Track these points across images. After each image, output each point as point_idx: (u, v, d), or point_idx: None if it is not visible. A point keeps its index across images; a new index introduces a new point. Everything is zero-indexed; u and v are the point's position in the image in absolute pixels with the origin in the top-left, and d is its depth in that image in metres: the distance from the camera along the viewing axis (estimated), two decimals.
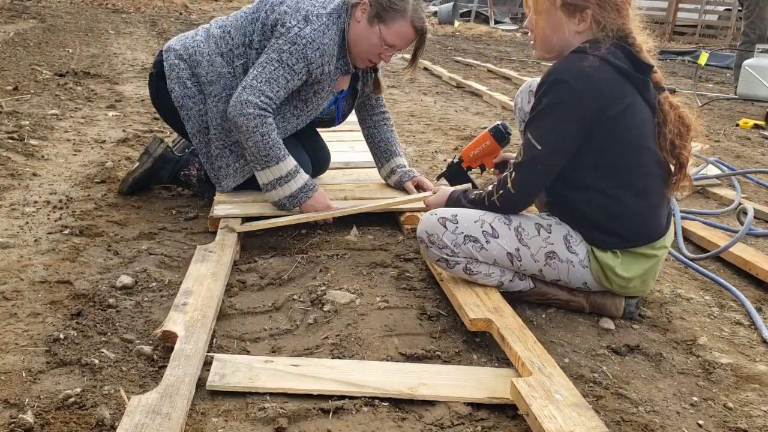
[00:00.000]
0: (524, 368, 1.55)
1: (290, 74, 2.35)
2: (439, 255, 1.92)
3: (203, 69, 2.52)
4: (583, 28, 1.84)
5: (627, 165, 1.83)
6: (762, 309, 2.12)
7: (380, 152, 2.79)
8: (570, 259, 1.89)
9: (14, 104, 4.24)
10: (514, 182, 1.86)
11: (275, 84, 2.34)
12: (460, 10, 17.20)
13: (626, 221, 1.85)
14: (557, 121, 1.79)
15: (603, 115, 1.77)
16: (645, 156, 1.84)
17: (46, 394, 1.45)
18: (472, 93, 6.35)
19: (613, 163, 1.83)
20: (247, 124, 2.32)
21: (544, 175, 1.85)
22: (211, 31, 2.59)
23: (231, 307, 1.91)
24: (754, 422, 1.53)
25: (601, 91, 1.76)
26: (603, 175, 1.84)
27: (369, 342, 1.74)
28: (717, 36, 16.14)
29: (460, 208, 1.96)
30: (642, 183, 1.85)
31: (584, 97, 1.75)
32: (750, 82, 6.77)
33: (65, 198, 2.68)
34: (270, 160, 2.36)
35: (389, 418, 1.45)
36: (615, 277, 1.88)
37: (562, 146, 1.80)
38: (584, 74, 1.75)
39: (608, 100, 1.77)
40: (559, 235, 1.89)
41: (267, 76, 2.34)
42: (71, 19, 10.19)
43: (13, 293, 1.88)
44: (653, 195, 1.88)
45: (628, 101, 1.79)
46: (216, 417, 1.43)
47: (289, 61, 2.33)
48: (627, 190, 1.84)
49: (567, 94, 1.76)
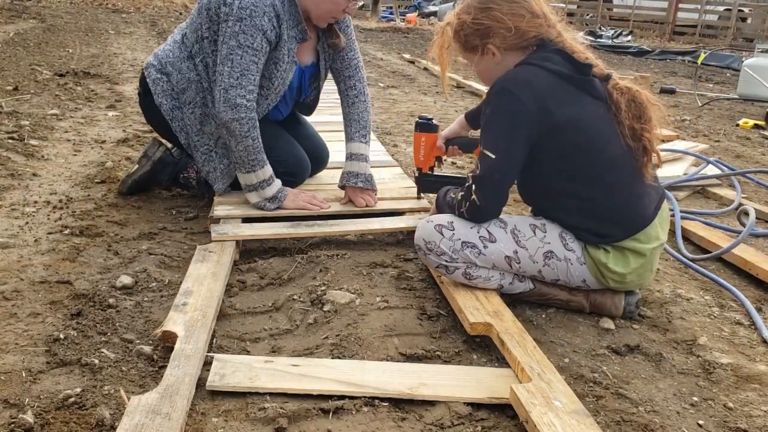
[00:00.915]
0: (524, 374, 1.55)
1: (255, 55, 2.33)
2: (437, 262, 1.92)
3: (174, 78, 2.52)
4: (500, 57, 1.90)
5: (591, 164, 1.85)
6: (762, 309, 2.12)
7: (345, 130, 2.69)
8: (568, 257, 1.90)
9: (14, 104, 4.24)
10: (476, 194, 1.87)
11: (249, 74, 2.33)
12: None
13: (605, 218, 1.87)
14: (505, 128, 1.82)
15: (548, 123, 1.79)
16: (608, 151, 1.85)
17: (46, 394, 1.45)
18: (472, 93, 6.35)
19: (576, 166, 1.85)
20: (240, 129, 2.32)
21: (503, 182, 1.87)
22: (174, 37, 2.61)
23: (231, 307, 1.91)
24: (754, 422, 1.53)
25: (543, 98, 1.79)
26: (570, 178, 1.86)
27: (369, 342, 1.74)
28: (717, 36, 16.14)
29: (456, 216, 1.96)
30: (612, 178, 1.86)
31: (526, 103, 1.78)
32: (750, 82, 6.77)
33: (65, 198, 2.68)
34: (257, 164, 2.38)
35: (389, 418, 1.45)
36: (609, 272, 1.89)
37: (514, 152, 1.83)
38: (524, 81, 1.80)
39: (551, 107, 1.79)
40: (555, 233, 1.90)
41: (239, 68, 2.31)
42: (71, 19, 10.18)
43: (13, 293, 1.88)
44: (628, 186, 1.88)
45: (574, 103, 1.82)
46: (216, 417, 1.43)
47: (246, 41, 2.30)
48: (598, 188, 1.86)
49: (510, 101, 1.80)
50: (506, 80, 1.83)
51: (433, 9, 18.17)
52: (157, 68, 2.55)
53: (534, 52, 1.88)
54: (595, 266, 1.89)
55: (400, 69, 7.87)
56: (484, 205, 1.87)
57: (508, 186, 1.89)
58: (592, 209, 1.87)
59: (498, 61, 1.91)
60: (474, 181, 1.88)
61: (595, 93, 1.86)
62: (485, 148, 1.85)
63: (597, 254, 1.88)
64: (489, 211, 1.91)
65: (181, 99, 2.53)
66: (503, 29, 1.86)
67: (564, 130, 1.81)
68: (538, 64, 1.83)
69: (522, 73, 1.83)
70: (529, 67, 1.84)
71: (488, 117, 1.85)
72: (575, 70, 1.84)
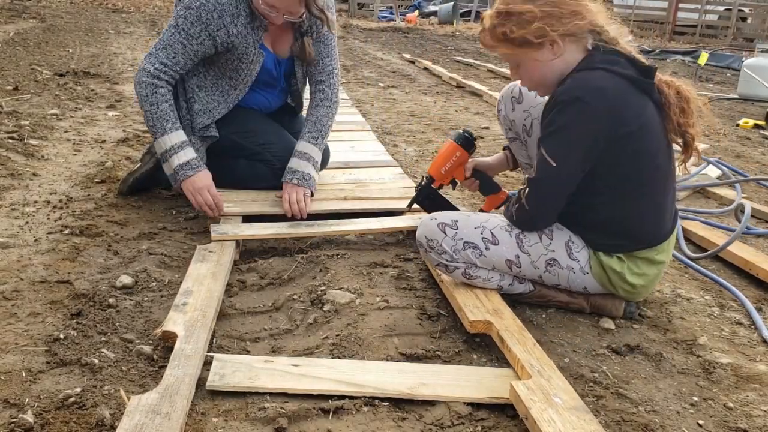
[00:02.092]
0: (523, 371, 1.55)
1: (186, 38, 2.38)
2: (438, 260, 1.92)
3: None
4: (559, 50, 1.77)
5: (642, 171, 1.81)
6: (762, 309, 2.12)
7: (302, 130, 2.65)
8: (571, 266, 1.88)
9: (14, 104, 4.24)
10: (528, 198, 1.82)
11: (171, 50, 2.39)
12: (460, 10, 17.19)
13: (633, 223, 1.84)
14: (574, 140, 1.74)
15: (621, 131, 1.72)
16: (659, 159, 1.82)
17: (46, 394, 1.45)
18: (472, 93, 6.35)
19: (628, 173, 1.79)
20: (140, 91, 2.38)
21: (559, 192, 1.80)
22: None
23: (231, 307, 1.91)
24: (754, 422, 1.53)
25: (619, 108, 1.72)
26: (616, 182, 1.81)
27: (369, 342, 1.74)
28: (717, 36, 16.14)
29: (462, 213, 1.95)
30: (652, 185, 1.83)
31: (602, 115, 1.71)
32: (750, 82, 6.77)
33: (65, 198, 2.68)
34: (156, 131, 2.40)
35: (389, 418, 1.45)
36: (622, 282, 1.87)
37: (578, 164, 1.76)
38: (600, 90, 1.71)
39: (626, 115, 1.73)
40: (561, 241, 1.88)
41: (164, 42, 2.40)
42: (71, 19, 10.18)
43: (13, 293, 1.88)
44: (660, 198, 1.86)
45: (642, 109, 1.76)
46: (216, 417, 1.43)
47: (184, 25, 2.37)
48: (638, 195, 1.82)
49: (584, 112, 1.71)
50: (579, 87, 1.71)
51: (433, 9, 18.15)
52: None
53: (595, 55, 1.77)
54: (605, 274, 1.87)
55: (400, 69, 7.87)
56: (533, 211, 1.82)
57: (563, 196, 1.81)
58: (625, 214, 1.83)
59: (556, 54, 1.77)
60: (529, 184, 1.82)
61: (655, 97, 1.80)
62: (547, 153, 1.75)
63: (611, 262, 1.86)
64: (538, 218, 1.85)
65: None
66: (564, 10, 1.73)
67: (632, 138, 1.74)
68: (607, 68, 1.73)
69: (594, 80, 1.72)
70: (600, 73, 1.73)
71: (558, 124, 1.74)
72: (640, 73, 1.77)
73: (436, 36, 12.85)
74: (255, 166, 2.66)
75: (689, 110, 1.82)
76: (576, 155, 1.75)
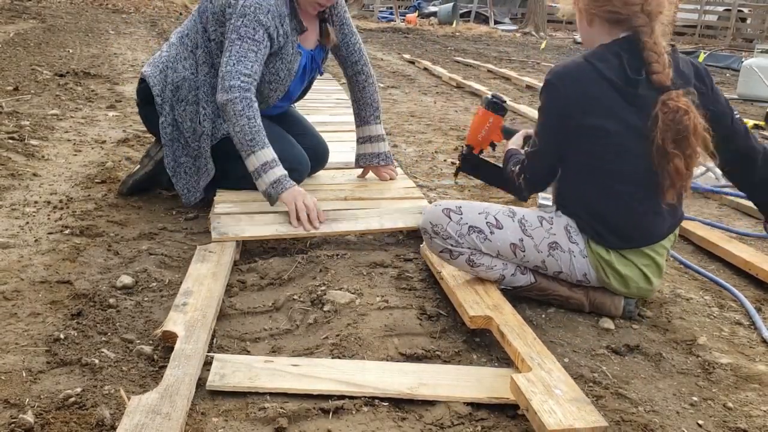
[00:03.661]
0: (524, 364, 1.55)
1: (255, 45, 2.39)
2: (442, 246, 1.93)
3: (170, 78, 2.59)
4: (587, 25, 1.91)
5: (606, 169, 1.85)
6: (762, 309, 2.12)
7: (356, 114, 2.87)
8: (571, 249, 1.91)
9: (14, 104, 4.24)
10: (525, 165, 2.04)
11: (246, 60, 2.38)
12: (460, 10, 17.21)
13: (609, 223, 1.88)
14: (546, 119, 1.92)
15: (585, 122, 1.82)
16: (629, 164, 1.83)
17: (46, 394, 1.45)
18: (472, 93, 6.35)
19: (595, 164, 1.86)
20: (234, 108, 2.33)
21: (543, 165, 1.99)
22: (171, 41, 2.68)
23: (231, 307, 1.91)
24: (754, 422, 1.54)
25: (585, 98, 1.82)
26: (585, 173, 1.89)
27: (369, 342, 1.74)
28: (717, 36, 16.14)
29: (464, 201, 2.00)
30: (624, 188, 1.85)
31: (567, 100, 1.83)
32: (750, 82, 6.77)
33: (65, 198, 2.69)
34: (255, 144, 2.35)
35: (389, 418, 1.45)
36: (612, 271, 1.90)
37: (552, 140, 1.93)
38: (569, 77, 1.84)
39: (590, 108, 1.81)
40: (560, 225, 1.93)
41: (236, 56, 2.38)
42: (71, 19, 10.19)
43: (14, 293, 1.88)
44: (641, 203, 1.86)
45: (611, 111, 1.80)
46: (216, 417, 1.43)
47: (247, 33, 2.38)
48: (607, 192, 1.86)
49: (551, 93, 1.87)
50: (554, 72, 1.88)
51: (433, 9, 18.16)
52: (157, 69, 2.62)
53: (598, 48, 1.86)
54: (597, 261, 1.91)
55: (400, 69, 7.88)
56: (528, 176, 2.03)
57: (547, 168, 1.99)
58: (600, 213, 1.88)
59: (590, 29, 1.91)
60: (526, 156, 2.06)
61: (640, 106, 1.79)
62: (534, 131, 2.00)
63: (599, 249, 1.90)
64: (532, 181, 2.05)
65: (176, 95, 2.58)
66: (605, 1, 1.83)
67: (592, 133, 1.83)
68: (591, 62, 1.83)
69: (569, 67, 1.87)
70: (581, 62, 1.85)
71: (540, 103, 1.95)
72: (625, 81, 1.79)
73: (436, 36, 12.86)
74: None
75: (685, 143, 1.76)
76: (549, 133, 1.92)
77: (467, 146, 2.53)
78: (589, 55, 1.85)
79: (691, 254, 2.55)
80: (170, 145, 2.62)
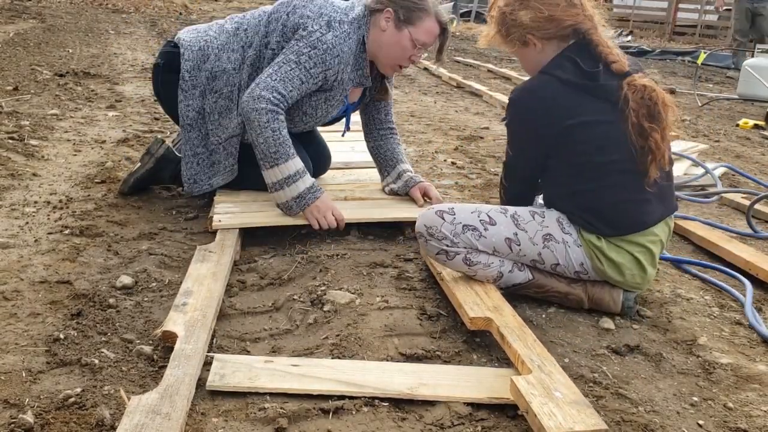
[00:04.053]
0: (524, 366, 1.55)
1: (306, 76, 2.35)
2: (438, 247, 1.94)
3: (210, 63, 2.50)
4: (541, 48, 1.97)
5: (593, 164, 1.90)
6: (762, 309, 2.12)
7: (386, 161, 2.74)
8: (565, 239, 1.94)
9: (14, 104, 4.24)
10: (504, 178, 2.11)
11: (289, 83, 2.34)
12: (460, 10, 17.20)
13: (601, 214, 1.91)
14: (517, 134, 2.01)
15: (558, 127, 1.88)
16: (613, 154, 1.88)
17: (46, 394, 1.45)
18: (472, 93, 6.35)
19: (581, 162, 1.91)
20: (259, 118, 2.30)
21: (520, 176, 2.07)
22: (225, 27, 2.58)
23: (231, 307, 1.91)
24: (754, 422, 1.53)
25: (550, 108, 1.88)
26: (573, 174, 1.93)
27: (369, 342, 1.74)
28: (717, 36, 16.13)
29: (456, 203, 2.04)
30: (612, 179, 1.90)
31: (533, 114, 1.91)
32: (750, 82, 6.77)
33: (65, 198, 2.68)
34: (279, 157, 2.32)
35: (389, 418, 1.45)
36: (605, 259, 1.92)
37: (527, 154, 2.00)
38: (533, 94, 1.93)
39: (559, 113, 1.87)
40: (552, 218, 1.96)
41: (282, 75, 2.33)
42: (71, 19, 10.18)
43: (13, 293, 1.88)
44: (628, 190, 1.91)
45: (581, 109, 1.87)
46: (216, 417, 1.43)
47: (306, 63, 2.34)
48: (597, 186, 1.91)
49: (518, 111, 1.97)
50: (517, 90, 1.97)
51: None
52: (197, 45, 2.53)
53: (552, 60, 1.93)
54: (590, 249, 1.93)
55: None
56: (508, 188, 2.10)
57: (526, 179, 2.06)
58: (590, 204, 1.92)
59: (540, 50, 1.97)
60: (502, 171, 2.12)
61: (606, 96, 1.88)
62: (507, 144, 2.06)
63: (590, 237, 1.93)
64: (512, 194, 2.10)
65: (211, 84, 2.51)
66: (541, 19, 1.92)
67: (571, 134, 1.88)
68: (549, 73, 1.91)
69: (532, 84, 1.96)
70: (542, 77, 1.94)
71: (507, 119, 2.02)
72: (584, 77, 1.88)
73: None
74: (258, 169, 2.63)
75: (659, 116, 1.87)
76: (522, 147, 2.01)
77: None
78: (544, 69, 1.94)
79: (691, 254, 2.55)
80: (189, 131, 2.56)
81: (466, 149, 4.01)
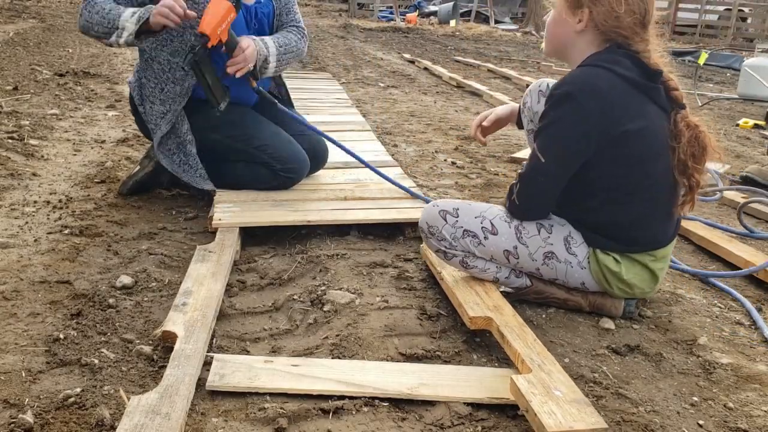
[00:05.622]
0: (524, 365, 1.55)
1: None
2: (437, 246, 1.95)
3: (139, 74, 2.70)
4: (581, 27, 1.81)
5: (639, 174, 1.80)
6: (762, 309, 2.12)
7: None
8: (569, 260, 1.89)
9: (14, 104, 4.24)
10: (518, 194, 1.86)
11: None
12: (460, 10, 17.20)
13: (630, 227, 1.85)
14: (563, 136, 1.76)
15: (615, 131, 1.73)
16: (659, 165, 1.81)
17: (46, 394, 1.45)
18: (472, 93, 6.34)
19: (625, 173, 1.80)
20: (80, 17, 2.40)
21: (547, 187, 1.82)
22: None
23: (231, 307, 1.91)
24: (754, 422, 1.53)
25: (611, 109, 1.73)
26: (614, 183, 1.81)
27: (369, 342, 1.74)
28: (717, 36, 16.14)
29: (464, 202, 1.97)
30: (650, 192, 1.83)
31: (593, 114, 1.72)
32: (750, 82, 6.77)
33: (65, 198, 2.68)
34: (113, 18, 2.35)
35: (389, 418, 1.45)
36: (618, 282, 1.88)
37: (566, 161, 1.78)
38: (594, 90, 1.72)
39: (619, 115, 1.73)
40: (560, 236, 1.89)
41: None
42: (71, 19, 10.18)
43: (13, 293, 1.88)
44: (661, 206, 1.86)
45: (642, 112, 1.77)
46: (216, 417, 1.42)
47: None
48: (635, 198, 1.82)
49: (575, 110, 1.73)
50: (575, 85, 1.74)
51: (433, 9, 18.15)
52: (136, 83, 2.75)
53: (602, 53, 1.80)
54: (601, 272, 1.88)
55: (400, 69, 7.87)
56: (522, 205, 1.86)
57: (551, 193, 1.84)
58: (623, 216, 1.83)
59: (578, 29, 1.81)
60: (519, 178, 1.86)
61: (661, 102, 1.81)
62: (538, 149, 1.78)
63: (606, 260, 1.86)
64: (526, 211, 1.87)
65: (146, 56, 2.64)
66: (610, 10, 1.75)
67: (627, 140, 1.75)
68: (607, 68, 1.74)
69: (590, 77, 1.74)
70: (598, 71, 1.75)
71: (548, 119, 1.77)
72: (644, 76, 1.78)
73: (436, 36, 12.85)
74: (254, 168, 2.65)
75: (702, 158, 1.82)
76: (564, 152, 1.77)
77: (203, 36, 2.28)
78: (596, 62, 1.77)
79: (691, 254, 2.55)
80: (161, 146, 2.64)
81: (466, 149, 4.01)
